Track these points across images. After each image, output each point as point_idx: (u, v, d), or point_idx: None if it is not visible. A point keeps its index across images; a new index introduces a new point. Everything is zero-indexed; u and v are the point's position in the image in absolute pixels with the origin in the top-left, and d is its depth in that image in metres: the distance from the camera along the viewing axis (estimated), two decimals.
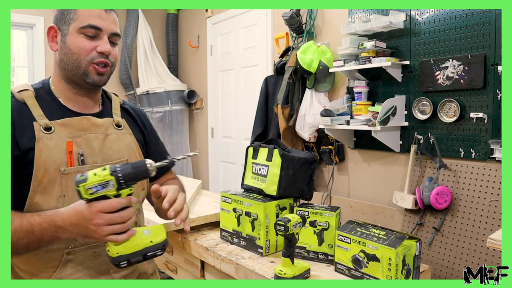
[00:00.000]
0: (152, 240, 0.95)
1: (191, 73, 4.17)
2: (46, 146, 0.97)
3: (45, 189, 0.96)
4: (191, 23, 4.11)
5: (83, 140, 1.03)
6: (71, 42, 1.01)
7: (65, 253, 1.00)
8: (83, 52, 1.01)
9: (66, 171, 0.99)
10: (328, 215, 1.48)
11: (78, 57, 1.02)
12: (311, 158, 1.66)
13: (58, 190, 0.98)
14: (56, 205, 0.97)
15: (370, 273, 1.29)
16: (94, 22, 1.01)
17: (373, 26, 2.15)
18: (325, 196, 2.59)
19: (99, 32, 1.02)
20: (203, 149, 4.04)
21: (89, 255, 1.04)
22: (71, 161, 1.00)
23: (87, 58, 1.02)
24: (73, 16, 1.01)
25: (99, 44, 1.02)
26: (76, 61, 1.02)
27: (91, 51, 1.02)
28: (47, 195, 0.97)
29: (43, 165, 0.96)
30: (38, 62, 3.76)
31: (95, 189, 0.87)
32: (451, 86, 1.94)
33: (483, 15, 1.83)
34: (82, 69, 1.02)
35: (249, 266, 1.45)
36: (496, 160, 1.82)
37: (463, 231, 1.94)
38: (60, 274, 1.00)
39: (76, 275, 1.02)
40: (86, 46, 1.01)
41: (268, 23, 3.11)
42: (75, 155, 1.01)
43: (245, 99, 3.42)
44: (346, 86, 2.48)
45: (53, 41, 1.05)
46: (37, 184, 0.96)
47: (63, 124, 1.02)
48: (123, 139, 1.13)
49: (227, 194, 1.66)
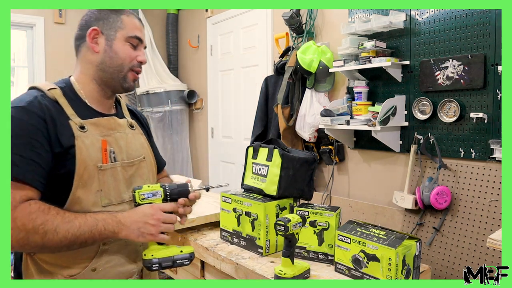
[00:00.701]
0: (182, 250, 1.11)
1: (191, 73, 4.17)
2: (84, 144, 1.04)
3: (85, 184, 1.03)
4: (191, 23, 4.11)
5: (112, 139, 1.11)
6: (119, 48, 1.11)
7: (101, 244, 1.07)
8: (127, 59, 1.12)
9: (103, 167, 1.07)
10: (328, 215, 1.48)
11: (123, 63, 1.12)
12: (311, 158, 1.66)
13: (96, 185, 1.05)
14: (94, 199, 1.05)
15: (370, 273, 1.29)
16: (139, 34, 1.15)
17: (373, 26, 2.15)
18: (325, 196, 2.59)
19: (140, 43, 1.15)
20: (203, 149, 4.04)
21: (122, 245, 1.12)
22: (106, 158, 1.08)
23: (129, 65, 1.13)
24: (120, 25, 1.12)
25: (139, 54, 1.14)
26: (120, 66, 1.12)
27: (133, 59, 1.13)
28: (87, 189, 1.04)
29: (83, 162, 1.03)
30: (38, 62, 3.76)
31: (146, 195, 1.07)
32: (451, 86, 1.94)
33: (483, 15, 1.83)
34: (123, 74, 1.13)
35: (249, 266, 1.45)
36: (496, 160, 1.82)
37: (463, 231, 1.94)
38: (95, 264, 1.07)
39: (109, 264, 1.09)
40: (131, 54, 1.13)
41: (268, 23, 3.11)
42: (108, 152, 1.09)
43: (245, 99, 3.42)
44: (346, 86, 2.48)
45: (94, 42, 1.12)
46: (78, 179, 1.02)
47: (94, 124, 1.09)
48: (138, 139, 1.21)
49: (227, 194, 1.66)
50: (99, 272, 1.07)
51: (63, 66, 3.84)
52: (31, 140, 0.96)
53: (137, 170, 1.16)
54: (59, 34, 3.85)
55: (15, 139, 0.95)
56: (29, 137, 0.96)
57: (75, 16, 3.92)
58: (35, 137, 0.97)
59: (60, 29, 3.86)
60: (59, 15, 3.83)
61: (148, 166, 1.21)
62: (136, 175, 1.16)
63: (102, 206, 1.06)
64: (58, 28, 3.85)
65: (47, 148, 0.98)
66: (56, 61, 3.83)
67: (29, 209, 0.93)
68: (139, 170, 1.17)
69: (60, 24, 3.86)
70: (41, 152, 0.97)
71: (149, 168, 1.22)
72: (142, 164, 1.19)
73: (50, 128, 1.00)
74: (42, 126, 0.98)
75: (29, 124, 0.97)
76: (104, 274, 1.08)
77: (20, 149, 0.95)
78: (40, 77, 3.76)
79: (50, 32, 3.81)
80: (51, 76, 3.78)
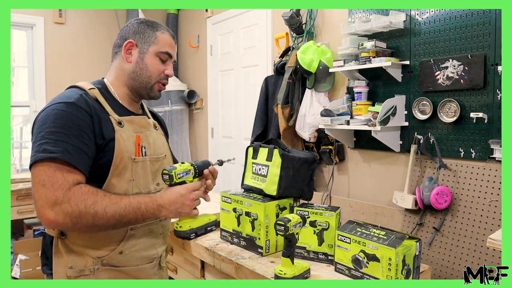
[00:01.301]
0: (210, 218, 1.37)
1: (191, 73, 4.17)
2: (122, 137, 1.16)
3: (120, 173, 1.15)
4: (191, 23, 4.11)
5: (143, 135, 1.24)
6: (149, 61, 1.24)
7: (129, 229, 1.18)
8: (156, 72, 1.25)
9: (136, 160, 1.19)
10: (328, 215, 1.48)
11: (151, 75, 1.25)
12: (311, 158, 1.66)
13: (129, 175, 1.17)
14: (127, 188, 1.16)
15: (370, 273, 1.29)
16: (170, 50, 1.27)
17: (373, 26, 2.15)
18: (325, 196, 2.59)
19: (169, 59, 1.28)
20: (203, 149, 4.04)
21: (146, 231, 1.23)
22: (139, 151, 1.20)
23: (157, 77, 1.26)
24: (154, 40, 1.24)
25: (167, 68, 1.27)
26: (148, 78, 1.25)
27: (161, 72, 1.26)
28: (121, 178, 1.15)
29: (120, 153, 1.14)
30: (38, 62, 3.76)
31: (181, 174, 1.21)
32: (451, 86, 1.94)
33: (483, 15, 1.83)
34: (150, 85, 1.26)
35: (249, 266, 1.45)
36: (496, 160, 1.82)
37: (463, 231, 1.94)
38: (122, 247, 1.17)
39: (134, 248, 1.20)
40: (159, 68, 1.26)
41: (268, 23, 3.11)
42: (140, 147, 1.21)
43: (245, 99, 3.42)
44: (346, 86, 2.48)
45: (128, 53, 1.24)
46: (114, 168, 1.14)
47: (129, 121, 1.22)
48: (160, 138, 1.34)
49: (227, 194, 1.66)
50: (126, 255, 1.18)
51: (63, 66, 3.84)
52: (81, 132, 1.08)
53: (161, 166, 1.28)
54: (59, 34, 3.85)
55: (66, 130, 1.06)
56: (79, 129, 1.08)
57: (75, 16, 3.92)
58: (83, 130, 1.09)
59: (60, 29, 3.86)
60: (59, 15, 3.83)
61: (168, 163, 1.33)
62: (159, 170, 1.26)
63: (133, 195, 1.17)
64: (58, 28, 3.85)
65: (92, 140, 1.11)
66: (56, 61, 3.83)
67: (80, 191, 1.05)
68: (162, 166, 1.28)
69: (60, 24, 3.86)
70: (88, 143, 1.09)
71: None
72: (164, 161, 1.31)
73: (95, 122, 1.12)
74: (89, 120, 1.11)
75: (79, 118, 1.09)
76: (130, 258, 1.19)
77: (72, 139, 1.06)
78: (40, 77, 3.76)
79: (50, 32, 3.81)
80: (51, 76, 3.78)
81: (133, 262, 1.20)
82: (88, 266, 1.14)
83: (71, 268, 1.13)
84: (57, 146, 1.04)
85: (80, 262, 1.14)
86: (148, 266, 1.24)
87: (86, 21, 3.94)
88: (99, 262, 1.14)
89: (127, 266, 1.18)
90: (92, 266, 1.14)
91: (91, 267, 1.14)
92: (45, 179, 1.02)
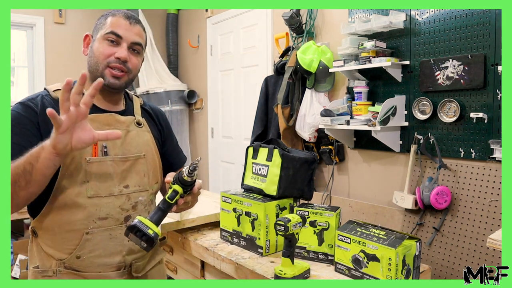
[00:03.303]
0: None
1: (191, 73, 4.17)
2: None
3: (71, 174, 1.09)
4: (191, 23, 4.11)
5: None
6: (96, 47, 1.15)
7: (84, 233, 1.12)
8: (101, 56, 1.14)
9: (91, 160, 1.12)
10: (328, 215, 1.48)
11: (98, 60, 1.14)
12: (311, 158, 1.66)
13: (83, 176, 1.10)
14: (79, 189, 1.10)
15: (370, 273, 1.29)
16: (116, 30, 1.14)
17: (373, 26, 2.15)
18: (325, 196, 2.59)
19: (120, 40, 1.14)
20: (203, 149, 4.04)
21: (105, 237, 1.15)
22: (96, 151, 1.12)
23: (105, 62, 1.14)
24: (102, 26, 1.15)
25: (116, 51, 1.14)
26: (96, 64, 1.14)
27: (109, 56, 1.14)
28: (73, 179, 1.09)
29: (71, 153, 1.04)
30: (38, 62, 3.76)
31: None
32: (451, 86, 1.94)
33: (483, 15, 1.83)
34: (100, 72, 1.14)
35: (249, 266, 1.45)
36: (496, 160, 1.82)
37: (463, 231, 1.94)
38: (79, 251, 1.12)
39: (93, 254, 1.13)
40: (105, 51, 1.14)
41: (268, 23, 3.11)
42: (100, 147, 1.14)
43: (245, 99, 3.42)
44: (346, 86, 2.48)
45: (86, 46, 1.19)
46: (65, 169, 1.08)
47: (91, 119, 1.10)
48: (142, 136, 1.24)
49: (227, 194, 1.66)
50: (84, 260, 1.13)
51: (63, 66, 3.84)
52: (24, 130, 1.05)
53: (133, 166, 1.19)
54: (59, 34, 3.85)
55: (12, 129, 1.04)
56: (22, 127, 1.05)
57: (75, 16, 3.93)
58: (27, 127, 1.06)
59: (60, 29, 3.86)
60: (59, 15, 3.83)
61: (148, 163, 1.24)
62: (131, 171, 1.19)
63: (88, 197, 1.11)
64: (58, 28, 3.85)
65: (38, 137, 1.05)
66: (56, 61, 3.83)
67: None
68: (135, 167, 1.20)
69: (60, 24, 3.86)
70: (32, 141, 1.03)
71: (149, 166, 1.24)
72: (140, 161, 1.21)
73: (41, 120, 1.07)
74: (35, 118, 1.07)
75: (24, 116, 1.06)
76: (89, 263, 1.13)
77: (14, 137, 1.03)
78: (40, 77, 3.76)
79: (50, 32, 3.81)
80: (51, 76, 3.78)
81: (93, 269, 1.14)
82: (52, 267, 1.12)
83: (36, 268, 1.13)
84: None
85: (46, 262, 1.13)
86: (112, 274, 1.16)
87: (86, 21, 3.94)
88: (61, 264, 1.12)
89: (87, 272, 1.13)
90: (56, 268, 1.12)
91: (54, 268, 1.12)
92: None
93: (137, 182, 1.20)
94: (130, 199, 1.18)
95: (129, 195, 1.18)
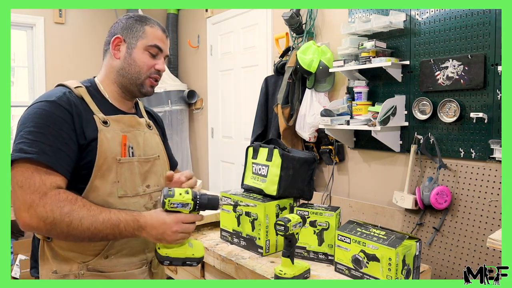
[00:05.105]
0: (194, 253, 1.15)
1: (191, 73, 4.17)
2: (106, 137, 1.11)
3: (103, 174, 1.10)
4: (191, 23, 4.11)
5: (131, 135, 1.19)
6: (137, 56, 1.18)
7: None
8: (145, 67, 1.19)
9: (121, 160, 1.14)
10: (328, 215, 1.48)
11: (140, 70, 1.19)
12: (311, 158, 1.66)
13: (114, 176, 1.12)
14: (111, 189, 1.11)
15: (370, 273, 1.29)
16: (159, 44, 1.20)
17: (373, 26, 2.15)
18: (325, 196, 2.59)
19: (160, 53, 1.21)
20: (203, 149, 4.04)
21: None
22: (125, 152, 1.15)
23: (147, 72, 1.20)
24: (142, 34, 1.19)
25: (157, 63, 1.21)
26: (138, 73, 1.19)
27: (151, 67, 1.20)
28: (105, 180, 1.10)
29: (104, 153, 1.09)
30: (38, 62, 3.76)
31: (176, 205, 1.07)
32: (451, 86, 1.94)
33: (483, 15, 1.83)
34: (140, 81, 1.20)
35: (249, 266, 1.45)
36: (496, 160, 1.82)
37: (463, 231, 1.94)
38: (107, 251, 1.13)
39: (120, 253, 1.15)
40: (149, 63, 1.19)
41: (268, 23, 3.11)
42: (127, 148, 1.16)
43: (245, 99, 3.42)
44: (346, 86, 2.48)
45: (116, 49, 1.20)
46: (97, 169, 1.09)
47: (116, 120, 1.17)
48: (154, 138, 1.29)
49: (227, 194, 1.66)
50: (112, 260, 1.14)
51: (63, 66, 3.85)
52: (60, 131, 1.04)
53: (152, 167, 1.23)
54: (59, 34, 3.85)
55: (45, 129, 1.02)
56: (58, 128, 1.04)
57: (75, 16, 3.93)
58: (63, 129, 1.05)
59: (60, 29, 3.86)
60: (59, 15, 3.83)
61: (162, 164, 1.28)
62: (151, 172, 1.22)
63: (118, 197, 1.12)
64: (58, 28, 3.85)
65: (73, 139, 1.06)
66: (56, 61, 3.83)
67: (58, 197, 1.00)
68: (154, 167, 1.23)
69: (60, 24, 3.86)
70: (68, 143, 1.05)
71: (162, 166, 1.28)
72: (157, 162, 1.26)
73: (76, 121, 1.07)
74: (70, 119, 1.06)
75: (59, 116, 1.05)
76: (116, 262, 1.14)
77: (50, 139, 1.02)
78: (40, 77, 3.76)
79: (50, 32, 3.81)
80: (51, 76, 3.78)
81: (119, 268, 1.15)
82: (73, 271, 1.10)
83: (55, 273, 1.09)
84: (33, 146, 1.00)
85: (65, 266, 1.10)
86: (137, 271, 1.18)
87: (86, 21, 3.94)
88: (84, 267, 1.10)
89: (113, 272, 1.14)
90: (78, 271, 1.10)
91: (76, 272, 1.10)
92: (22, 181, 0.99)
93: (156, 182, 1.23)
94: (151, 199, 1.21)
95: (151, 194, 1.21)
